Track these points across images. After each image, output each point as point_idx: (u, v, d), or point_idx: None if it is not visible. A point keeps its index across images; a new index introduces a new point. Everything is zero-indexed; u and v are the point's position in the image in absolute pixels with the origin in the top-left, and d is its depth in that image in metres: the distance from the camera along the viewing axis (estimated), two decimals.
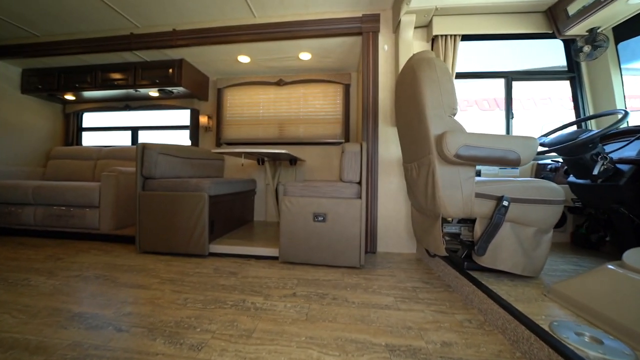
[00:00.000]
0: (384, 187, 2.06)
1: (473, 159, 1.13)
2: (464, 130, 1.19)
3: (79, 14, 2.21)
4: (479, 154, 1.12)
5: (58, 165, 3.01)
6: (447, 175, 1.19)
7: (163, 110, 3.19)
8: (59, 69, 2.79)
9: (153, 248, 1.93)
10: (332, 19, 2.11)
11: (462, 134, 1.13)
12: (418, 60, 1.26)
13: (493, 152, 1.12)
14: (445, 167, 1.19)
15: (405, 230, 2.06)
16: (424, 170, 1.30)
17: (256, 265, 1.76)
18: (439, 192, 1.20)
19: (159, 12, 2.16)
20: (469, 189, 1.19)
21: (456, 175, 1.19)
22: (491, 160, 1.13)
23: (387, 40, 2.11)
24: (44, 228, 2.40)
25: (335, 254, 1.70)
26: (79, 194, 2.29)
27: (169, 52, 2.43)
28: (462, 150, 1.12)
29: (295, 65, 2.68)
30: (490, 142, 1.12)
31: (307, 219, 1.73)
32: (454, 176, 1.19)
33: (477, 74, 2.21)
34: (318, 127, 2.84)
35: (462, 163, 1.16)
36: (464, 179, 1.19)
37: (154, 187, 1.95)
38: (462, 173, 1.19)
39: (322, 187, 1.74)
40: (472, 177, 1.20)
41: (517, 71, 2.14)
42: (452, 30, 1.95)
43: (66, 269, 1.64)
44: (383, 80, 2.10)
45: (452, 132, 1.13)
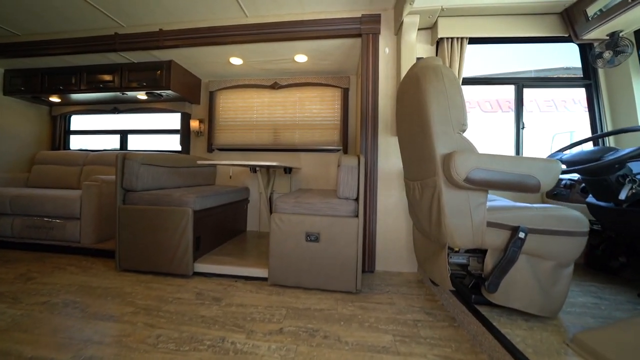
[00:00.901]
0: (384, 201, 1.91)
1: (485, 184, 0.99)
2: (474, 149, 1.04)
3: (59, 12, 2.06)
4: (492, 178, 0.98)
5: (42, 170, 2.87)
6: (454, 200, 1.05)
7: (153, 113, 3.05)
8: (43, 69, 2.64)
9: (134, 266, 1.79)
10: (330, 20, 1.96)
11: (473, 155, 0.98)
12: (423, 68, 1.11)
13: (509, 176, 0.97)
14: (452, 191, 1.04)
15: (406, 247, 1.91)
16: (428, 193, 1.15)
17: (243, 288, 1.61)
18: (445, 220, 1.05)
19: (145, 10, 2.01)
20: (479, 217, 1.04)
21: (465, 201, 1.04)
22: (507, 185, 0.98)
23: (388, 43, 1.95)
24: (22, 240, 2.26)
25: (329, 277, 1.56)
26: (59, 204, 2.15)
27: (157, 53, 2.29)
28: (473, 174, 0.97)
29: (291, 67, 2.53)
30: (506, 166, 0.97)
31: (298, 238, 1.58)
32: (462, 202, 1.04)
33: (485, 79, 2.05)
34: (315, 133, 2.69)
35: (472, 188, 1.01)
36: (474, 206, 1.04)
37: (135, 200, 1.81)
38: (473, 199, 1.04)
39: (316, 203, 1.60)
40: (483, 204, 1.05)
41: (528, 77, 1.99)
42: (458, 33, 1.80)
43: (35, 293, 1.50)
44: (384, 85, 1.94)
45: (462, 153, 0.98)
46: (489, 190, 1.04)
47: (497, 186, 0.99)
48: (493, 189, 1.00)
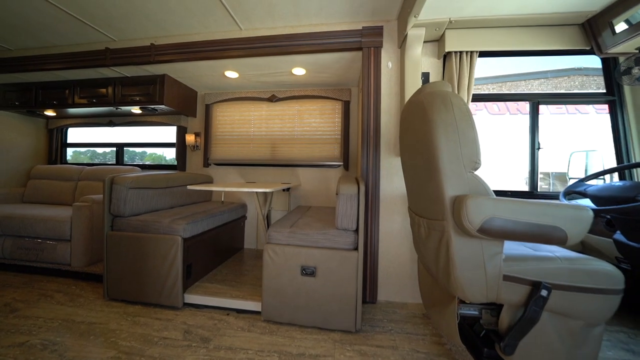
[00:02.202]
0: (386, 226, 1.78)
1: (502, 235, 0.85)
2: (490, 192, 0.91)
3: (49, 28, 1.99)
4: (511, 229, 0.84)
5: (38, 185, 2.82)
6: (466, 250, 0.91)
7: (148, 126, 2.97)
8: (37, 84, 2.58)
9: (122, 296, 1.70)
10: (328, 32, 1.84)
11: (488, 200, 0.85)
12: (430, 96, 0.98)
13: (531, 227, 0.83)
14: (463, 239, 0.91)
15: (410, 276, 1.78)
16: (435, 237, 1.02)
17: (235, 324, 1.50)
18: (455, 272, 0.92)
19: (135, 25, 1.92)
20: (494, 270, 0.91)
21: (478, 251, 0.91)
22: (528, 237, 0.85)
23: (391, 57, 1.82)
24: (13, 262, 2.19)
25: (326, 315, 1.44)
26: (49, 226, 2.08)
27: (149, 67, 2.20)
28: (489, 224, 0.84)
29: (288, 80, 2.42)
30: (527, 214, 0.84)
31: (294, 272, 1.46)
32: (475, 252, 0.91)
33: (497, 95, 1.90)
34: (314, 148, 2.57)
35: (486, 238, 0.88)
36: (489, 256, 0.91)
37: (123, 227, 1.72)
38: (487, 248, 0.91)
39: (312, 234, 1.48)
40: (499, 254, 0.91)
41: (544, 93, 1.83)
42: (468, 46, 1.66)
43: (14, 331, 1.41)
44: (386, 102, 1.81)
45: (475, 198, 0.85)
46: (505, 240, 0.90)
47: (516, 237, 0.85)
48: (511, 240, 0.87)
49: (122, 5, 1.71)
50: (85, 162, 3.34)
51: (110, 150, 3.22)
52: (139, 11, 1.76)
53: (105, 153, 3.43)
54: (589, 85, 6.49)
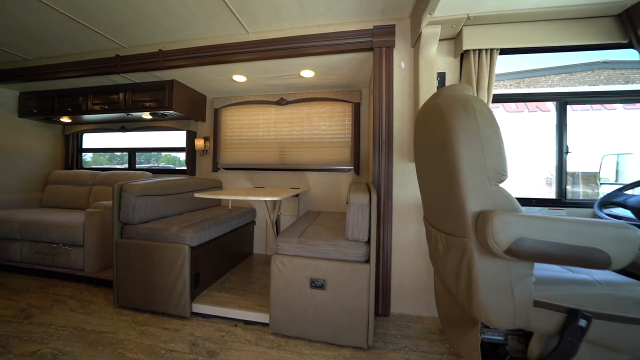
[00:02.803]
0: (400, 236, 1.69)
1: (534, 257, 0.76)
2: (518, 207, 0.81)
3: (60, 37, 2.02)
4: (544, 250, 0.75)
5: (55, 190, 2.90)
6: (491, 271, 0.82)
7: (159, 131, 3.00)
8: (53, 92, 2.65)
9: (131, 304, 1.70)
10: (337, 33, 1.76)
11: (517, 218, 0.76)
12: (449, 101, 0.90)
13: (567, 249, 0.74)
14: (488, 259, 0.82)
15: (425, 288, 1.68)
16: (455, 254, 0.93)
17: (242, 337, 1.46)
18: (478, 295, 0.84)
19: (143, 31, 1.92)
20: (523, 294, 0.81)
21: (505, 272, 0.82)
22: (563, 260, 0.75)
23: (404, 57, 1.73)
24: (30, 266, 2.25)
25: (336, 330, 1.37)
26: (63, 231, 2.12)
27: (158, 73, 2.20)
28: (518, 245, 0.75)
29: (297, 82, 2.36)
30: (562, 234, 0.74)
31: (302, 284, 1.41)
32: (501, 274, 0.82)
33: (520, 95, 1.77)
34: (324, 152, 2.51)
35: (514, 259, 0.79)
36: (517, 279, 0.81)
37: (132, 234, 1.72)
38: (515, 270, 0.81)
39: (321, 245, 1.41)
40: (528, 276, 0.82)
41: (573, 92, 1.68)
42: (488, 43, 1.54)
43: (27, 339, 1.43)
44: (399, 104, 1.73)
45: (502, 215, 0.76)
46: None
47: (549, 260, 0.76)
48: (544, 262, 0.77)
49: (129, 12, 1.70)
50: (105, 163, 3.42)
51: (119, 155, 3.27)
52: (146, 17, 1.75)
53: (123, 155, 3.49)
54: (615, 79, 6.08)
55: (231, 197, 1.55)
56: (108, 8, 1.67)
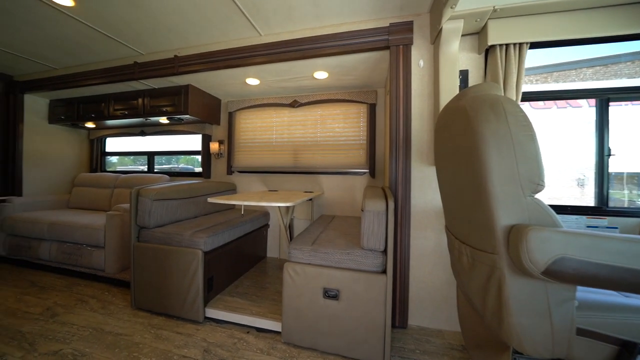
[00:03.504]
0: (418, 243, 1.60)
1: (578, 280, 0.66)
2: (557, 221, 0.72)
3: (83, 46, 2.11)
4: (590, 272, 0.65)
5: (81, 192, 3.04)
6: (525, 293, 0.73)
7: (176, 135, 3.07)
8: (78, 99, 2.78)
9: (147, 306, 1.73)
10: (351, 32, 1.70)
11: (557, 234, 0.66)
12: (475, 102, 0.81)
13: (619, 272, 0.63)
14: (522, 279, 0.73)
15: (446, 300, 1.58)
16: (483, 271, 0.84)
17: (254, 345, 1.44)
18: (510, 318, 0.75)
19: (160, 38, 1.95)
20: (564, 320, 0.71)
21: (542, 295, 0.72)
22: (615, 284, 0.65)
23: (423, 54, 1.64)
24: (57, 265, 2.37)
25: (351, 342, 1.31)
26: (85, 233, 2.20)
27: (174, 78, 2.24)
28: (559, 265, 0.66)
29: (310, 84, 2.32)
30: (612, 254, 0.64)
31: (315, 294, 1.36)
32: (537, 297, 0.73)
33: (554, 93, 1.63)
34: (338, 155, 2.45)
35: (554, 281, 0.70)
36: (557, 303, 0.72)
37: (148, 238, 1.74)
38: (554, 293, 0.72)
39: (335, 254, 1.36)
40: (570, 300, 0.72)
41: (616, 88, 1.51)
42: (516, 37, 1.42)
43: (51, 337, 1.48)
44: (418, 105, 1.64)
45: (538, 231, 0.67)
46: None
47: (597, 284, 0.66)
48: (590, 286, 0.67)
49: (147, 21, 1.74)
50: (129, 165, 3.55)
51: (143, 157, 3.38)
52: (162, 25, 1.78)
53: (145, 157, 3.62)
54: None
55: (244, 202, 1.53)
56: (128, 18, 1.71)
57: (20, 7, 1.63)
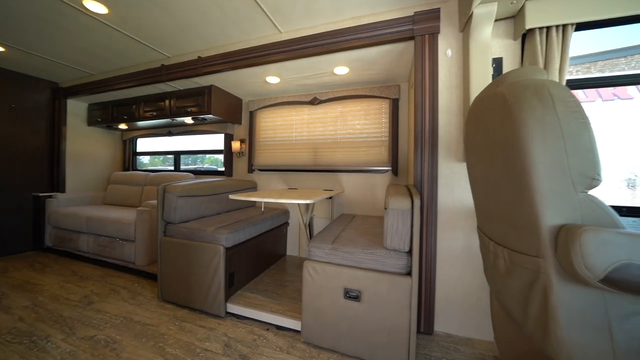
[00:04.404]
0: (445, 245, 1.50)
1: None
2: (618, 222, 0.62)
3: (116, 52, 2.23)
4: None
5: (114, 190, 3.24)
6: (577, 303, 0.64)
7: (200, 135, 3.17)
8: (112, 102, 2.97)
9: (173, 298, 1.79)
10: (374, 24, 1.64)
11: (618, 236, 0.57)
12: (515, 88, 0.73)
13: None
14: (574, 287, 0.64)
15: (477, 307, 1.47)
16: (523, 276, 0.76)
17: (274, 343, 1.43)
18: (558, 331, 0.66)
19: (184, 40, 2.02)
20: (629, 337, 0.61)
21: (599, 307, 0.63)
22: None
23: (451, 44, 1.54)
24: (94, 256, 2.54)
25: (373, 346, 1.26)
26: (118, 227, 2.34)
27: (198, 79, 2.31)
28: (621, 272, 0.56)
29: (330, 81, 2.28)
30: None
31: (335, 294, 1.32)
32: (593, 308, 0.63)
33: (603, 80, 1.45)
34: (359, 152, 2.39)
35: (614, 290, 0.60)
36: (618, 317, 0.62)
37: (174, 233, 1.81)
38: (614, 305, 0.62)
39: (356, 253, 1.31)
40: (636, 315, 0.62)
41: None
42: (559, 18, 1.28)
43: (87, 323, 1.58)
44: (445, 97, 1.54)
45: (596, 233, 0.58)
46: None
47: None
48: None
49: (172, 23, 1.80)
50: (159, 165, 3.75)
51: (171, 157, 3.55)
52: (186, 27, 1.83)
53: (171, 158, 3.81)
54: None
55: (264, 199, 1.53)
56: (155, 22, 1.78)
57: (61, 17, 1.75)
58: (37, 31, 1.94)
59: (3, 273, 2.31)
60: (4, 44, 2.14)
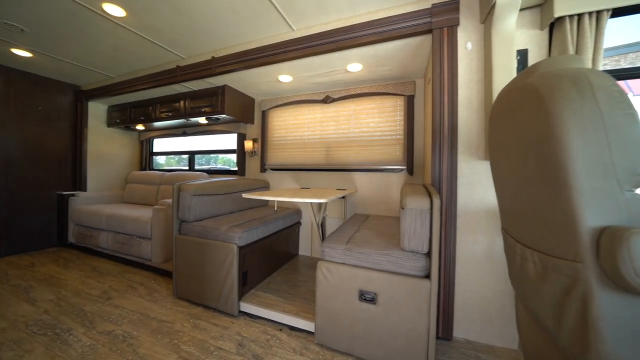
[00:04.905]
0: (466, 248, 1.44)
1: None
2: None
3: (133, 54, 2.29)
4: None
5: (132, 189, 3.34)
6: (623, 315, 0.58)
7: (214, 135, 3.22)
8: (130, 103, 3.06)
9: (187, 296, 1.81)
10: (389, 18, 1.59)
11: None
12: (548, 78, 0.67)
13: None
14: (619, 296, 0.58)
15: (499, 314, 1.39)
16: (558, 283, 0.70)
17: (287, 343, 1.41)
18: (601, 345, 0.60)
19: (198, 41, 2.04)
20: None
21: None
22: None
23: (471, 36, 1.47)
24: (113, 253, 2.62)
25: (389, 351, 1.21)
26: (136, 225, 2.40)
27: (212, 80, 2.33)
28: None
29: (343, 78, 2.25)
30: None
31: (350, 296, 1.28)
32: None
33: (637, 71, 1.34)
34: (373, 151, 2.34)
35: None
36: None
37: (188, 231, 1.83)
38: None
39: (372, 254, 1.27)
40: None
41: None
42: (592, 4, 1.19)
43: (106, 318, 1.62)
44: (465, 92, 1.47)
45: None
46: None
47: None
48: None
49: (187, 24, 1.81)
50: (174, 165, 3.84)
51: (186, 157, 3.62)
52: (200, 27, 1.85)
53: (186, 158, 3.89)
54: None
55: (277, 198, 1.51)
56: (171, 23, 1.80)
57: (82, 21, 1.81)
58: (61, 36, 2.02)
59: (31, 267, 2.43)
60: (32, 49, 2.24)
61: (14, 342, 1.40)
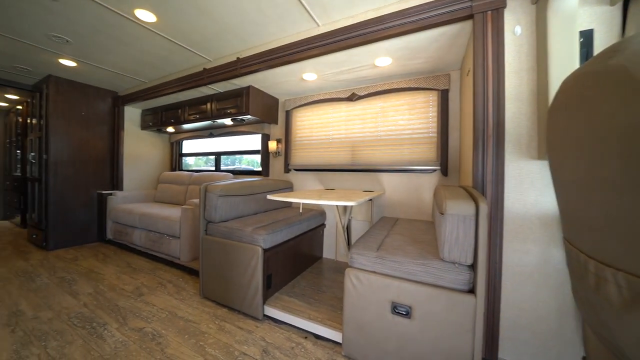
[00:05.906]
0: (514, 259, 1.27)
1: None
2: None
3: (164, 59, 2.36)
4: None
5: (163, 188, 3.49)
6: None
7: (239, 135, 3.25)
8: (161, 107, 3.20)
9: (213, 296, 1.82)
10: (422, 5, 1.46)
11: None
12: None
13: None
14: None
15: (555, 335, 1.21)
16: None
17: (312, 353, 1.34)
18: None
19: (224, 43, 2.05)
20: None
21: None
22: None
23: (520, 19, 1.29)
24: (145, 250, 2.74)
25: None
26: (166, 224, 2.48)
27: (236, 81, 2.34)
28: None
29: (370, 74, 2.14)
30: None
31: (382, 307, 1.18)
32: None
33: None
34: (402, 150, 2.20)
35: None
36: None
37: (214, 232, 1.83)
38: None
39: (406, 263, 1.16)
40: None
41: None
42: None
43: (137, 315, 1.67)
44: (514, 83, 1.30)
45: None
46: None
47: None
48: None
49: (213, 26, 1.82)
50: (202, 165, 3.96)
51: (213, 157, 3.72)
52: (225, 28, 1.84)
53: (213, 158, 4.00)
54: None
55: (304, 200, 1.45)
56: (197, 25, 1.82)
57: (116, 29, 1.89)
58: (99, 44, 2.13)
59: (74, 261, 2.61)
60: (76, 59, 2.40)
61: (57, 332, 1.48)
